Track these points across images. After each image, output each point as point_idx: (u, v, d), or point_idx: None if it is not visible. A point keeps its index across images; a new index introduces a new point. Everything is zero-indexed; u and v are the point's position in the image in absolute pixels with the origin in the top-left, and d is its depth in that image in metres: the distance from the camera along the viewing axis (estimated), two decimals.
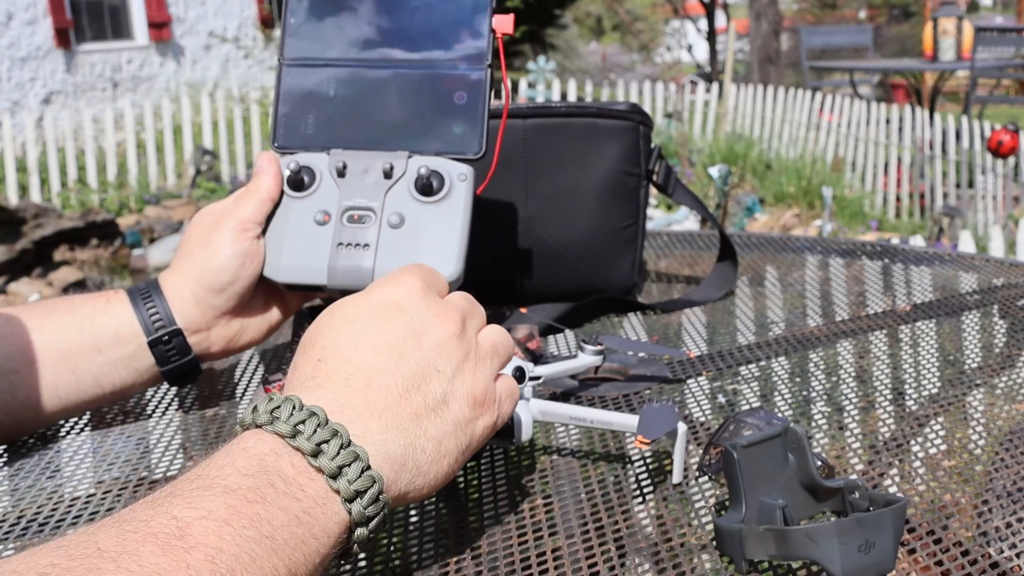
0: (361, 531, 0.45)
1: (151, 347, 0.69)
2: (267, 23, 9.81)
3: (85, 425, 0.73)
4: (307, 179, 0.70)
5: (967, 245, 4.11)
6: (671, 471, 0.60)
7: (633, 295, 0.96)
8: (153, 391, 0.79)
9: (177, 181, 6.45)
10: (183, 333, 0.69)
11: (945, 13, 7.51)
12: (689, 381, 0.77)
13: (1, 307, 0.72)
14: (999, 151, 5.64)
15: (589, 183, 0.91)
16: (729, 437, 0.60)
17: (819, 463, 0.59)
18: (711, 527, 0.54)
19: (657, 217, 4.94)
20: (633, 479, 0.60)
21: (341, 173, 0.70)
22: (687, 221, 4.82)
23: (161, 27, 8.87)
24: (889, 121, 6.48)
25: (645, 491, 0.59)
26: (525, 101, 2.34)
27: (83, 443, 0.70)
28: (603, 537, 0.53)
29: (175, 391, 0.79)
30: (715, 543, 0.51)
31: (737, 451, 0.50)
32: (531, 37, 11.68)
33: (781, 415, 0.67)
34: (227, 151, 6.56)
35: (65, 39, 8.11)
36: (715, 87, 7.40)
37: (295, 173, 0.70)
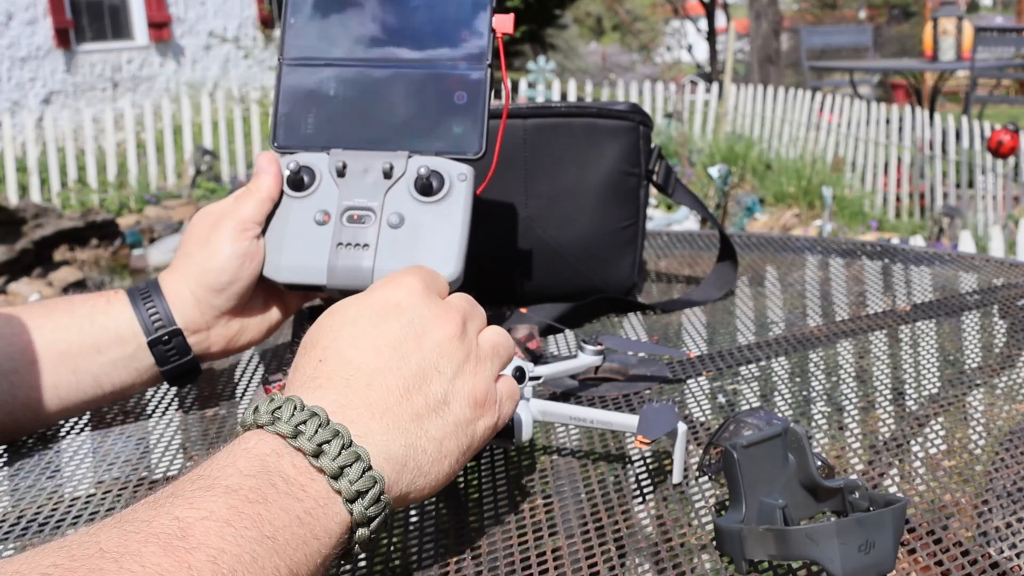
0: (362, 531, 0.45)
1: (151, 347, 0.69)
2: (267, 23, 9.81)
3: (85, 425, 0.73)
4: (307, 179, 0.70)
5: (967, 245, 4.11)
6: (671, 471, 0.60)
7: (633, 295, 0.96)
8: (153, 391, 0.79)
9: (177, 181, 6.45)
10: (183, 333, 0.69)
11: (945, 13, 7.51)
12: (689, 381, 0.77)
13: (1, 307, 0.72)
14: (999, 151, 5.63)
15: (589, 183, 0.91)
16: (729, 437, 0.60)
17: (819, 463, 0.59)
18: (711, 527, 0.54)
19: (657, 217, 4.94)
20: (633, 479, 0.60)
21: (341, 173, 0.70)
22: (687, 221, 4.82)
23: (161, 27, 8.87)
24: (889, 121, 6.47)
25: (645, 491, 0.59)
26: (525, 101, 2.34)
27: (83, 443, 0.70)
28: (603, 537, 0.53)
29: (175, 391, 0.79)
30: (715, 543, 0.51)
31: (737, 451, 0.50)
32: (531, 37, 11.68)
33: (781, 415, 0.67)
34: (227, 151, 6.56)
35: (65, 39, 8.11)
36: (715, 87, 7.40)
37: (295, 173, 0.70)
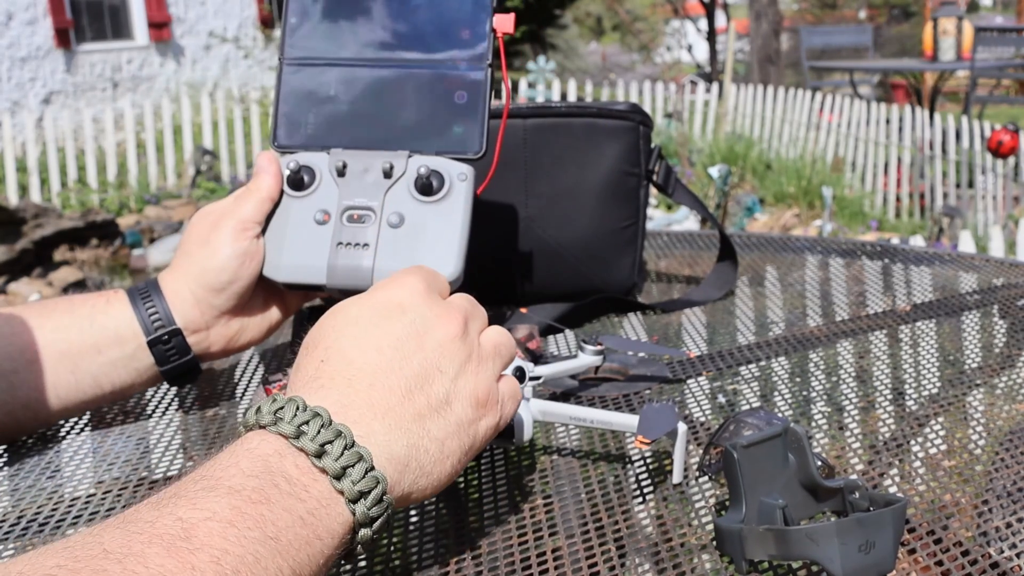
0: (365, 532, 0.45)
1: (150, 347, 0.69)
2: (267, 23, 9.81)
3: (85, 425, 0.73)
4: (307, 178, 0.70)
5: (967, 245, 4.11)
6: (671, 471, 0.60)
7: (633, 295, 0.96)
8: (153, 391, 0.79)
9: (177, 181, 6.45)
10: (182, 333, 0.69)
11: (945, 13, 7.50)
12: (689, 381, 0.77)
13: (1, 307, 0.72)
14: (999, 151, 5.63)
15: (589, 183, 0.91)
16: (729, 437, 0.60)
17: (819, 463, 0.59)
18: (711, 527, 0.54)
19: (657, 217, 4.94)
20: (633, 479, 0.60)
21: (341, 172, 0.70)
22: (687, 221, 4.82)
23: (161, 27, 8.87)
24: (889, 121, 6.47)
25: (645, 491, 0.59)
26: (525, 101, 2.34)
27: (83, 443, 0.70)
28: (603, 537, 0.53)
29: (175, 391, 0.79)
30: (715, 543, 0.51)
31: (737, 451, 0.50)
32: (531, 37, 11.68)
33: (781, 415, 0.67)
34: (227, 151, 6.56)
35: (65, 39, 8.10)
36: (715, 87, 7.39)
37: (295, 172, 0.70)
